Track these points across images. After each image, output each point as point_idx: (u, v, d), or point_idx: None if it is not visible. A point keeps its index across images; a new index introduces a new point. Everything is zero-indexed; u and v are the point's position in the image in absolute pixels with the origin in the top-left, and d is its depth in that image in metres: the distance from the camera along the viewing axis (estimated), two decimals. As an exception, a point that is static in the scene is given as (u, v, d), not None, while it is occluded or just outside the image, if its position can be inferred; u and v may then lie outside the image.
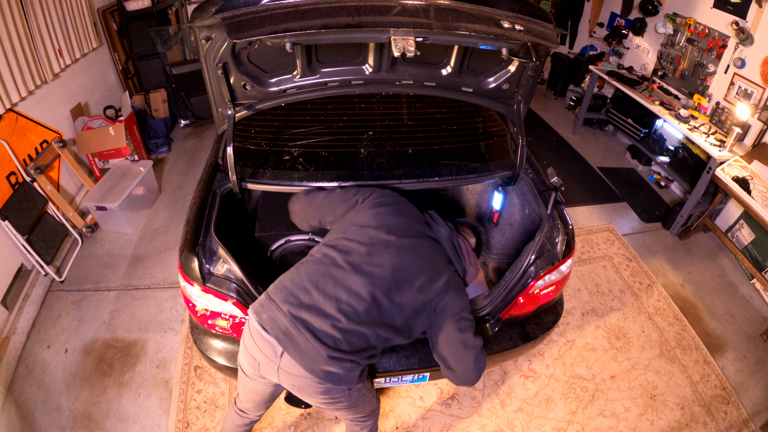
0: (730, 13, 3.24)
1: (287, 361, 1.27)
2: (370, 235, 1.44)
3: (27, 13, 2.79)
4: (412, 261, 1.42)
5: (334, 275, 1.34)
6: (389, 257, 1.39)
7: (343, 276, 1.34)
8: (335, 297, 1.30)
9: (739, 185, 2.88)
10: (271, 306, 1.31)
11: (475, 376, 1.46)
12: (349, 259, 1.38)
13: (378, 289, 1.34)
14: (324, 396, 1.36)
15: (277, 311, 1.29)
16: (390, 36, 1.33)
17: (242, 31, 1.26)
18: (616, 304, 2.83)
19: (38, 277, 2.73)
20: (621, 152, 4.52)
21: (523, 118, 1.98)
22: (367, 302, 1.32)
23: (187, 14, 4.69)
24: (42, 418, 2.14)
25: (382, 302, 1.34)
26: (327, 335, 1.27)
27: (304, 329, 1.26)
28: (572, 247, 1.79)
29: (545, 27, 1.47)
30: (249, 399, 1.60)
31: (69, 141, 3.27)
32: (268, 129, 2.19)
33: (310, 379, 1.27)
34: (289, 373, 1.28)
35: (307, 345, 1.25)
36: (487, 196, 2.44)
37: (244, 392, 1.58)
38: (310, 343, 1.25)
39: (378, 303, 1.34)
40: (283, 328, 1.27)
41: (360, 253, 1.39)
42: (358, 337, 1.30)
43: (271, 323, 1.28)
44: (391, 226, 1.47)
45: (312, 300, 1.30)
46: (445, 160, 2.11)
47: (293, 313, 1.28)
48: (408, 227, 1.50)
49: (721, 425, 2.24)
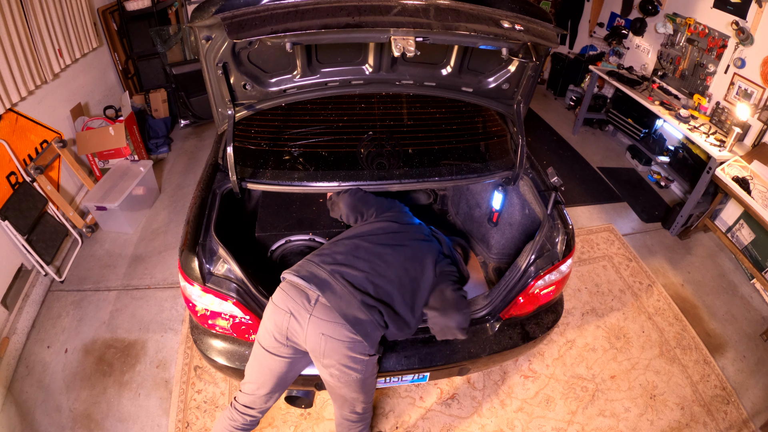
0: (730, 13, 3.24)
1: (321, 307, 1.41)
2: (395, 229, 1.70)
3: (27, 13, 2.79)
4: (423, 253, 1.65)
5: (366, 247, 1.58)
6: (409, 242, 1.65)
7: (374, 248, 1.58)
8: (369, 260, 1.53)
9: (739, 185, 2.88)
10: (310, 264, 1.51)
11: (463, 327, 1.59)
12: (378, 239, 1.64)
13: (404, 257, 1.58)
14: (348, 352, 1.43)
15: (317, 267, 1.49)
16: (390, 36, 1.33)
17: (242, 31, 1.26)
18: (616, 304, 2.83)
19: (38, 277, 2.73)
20: (621, 152, 4.52)
21: (523, 118, 1.98)
22: (395, 267, 1.55)
23: (187, 14, 4.70)
24: (42, 418, 2.14)
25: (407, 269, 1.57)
26: (361, 284, 1.47)
27: (341, 278, 1.46)
28: (572, 247, 1.79)
29: (545, 27, 1.47)
30: (260, 385, 1.53)
31: (69, 141, 3.27)
32: (268, 129, 2.19)
33: (342, 325, 1.40)
34: (322, 319, 1.40)
35: (343, 290, 1.43)
36: (487, 196, 2.44)
37: (257, 375, 1.53)
38: (346, 288, 1.44)
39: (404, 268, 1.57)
40: (322, 278, 1.45)
41: (387, 236, 1.65)
42: (385, 292, 1.50)
43: (311, 275, 1.46)
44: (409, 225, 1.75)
45: (349, 261, 1.52)
46: (445, 159, 2.11)
47: (331, 269, 1.48)
48: (421, 230, 1.77)
49: (721, 425, 2.24)
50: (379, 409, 2.19)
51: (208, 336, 1.77)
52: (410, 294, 1.56)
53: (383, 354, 1.74)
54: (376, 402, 2.22)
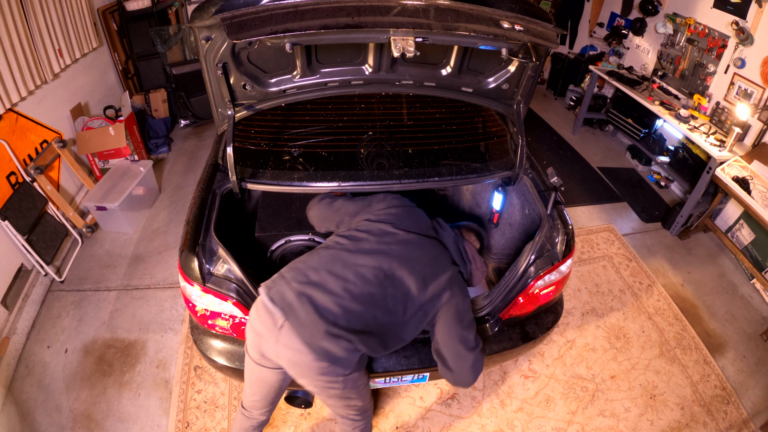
0: (730, 13, 3.24)
1: (287, 333, 1.30)
2: (381, 228, 1.54)
3: (27, 13, 2.79)
4: (418, 255, 1.49)
5: (344, 258, 1.44)
6: (397, 247, 1.48)
7: (352, 259, 1.43)
8: (343, 277, 1.38)
9: (739, 185, 2.88)
10: (281, 282, 1.39)
11: (472, 378, 1.50)
12: (359, 246, 1.48)
13: (384, 273, 1.41)
14: (320, 376, 1.36)
15: (286, 287, 1.37)
16: (390, 36, 1.33)
17: (242, 32, 1.26)
18: (616, 304, 2.83)
19: (38, 277, 2.73)
20: (621, 152, 4.51)
21: (523, 118, 1.98)
22: (372, 284, 1.39)
23: (187, 14, 4.69)
24: (42, 418, 2.14)
25: (386, 286, 1.41)
26: (327, 310, 1.32)
27: (307, 302, 1.33)
28: (572, 247, 1.79)
29: (545, 27, 1.47)
30: (255, 391, 1.58)
31: (69, 141, 3.27)
32: (268, 129, 2.19)
33: (307, 353, 1.30)
34: (288, 346, 1.31)
35: (307, 317, 1.30)
36: (487, 196, 2.44)
37: (251, 383, 1.56)
38: (310, 316, 1.30)
39: (382, 286, 1.40)
40: (289, 301, 1.33)
41: (370, 241, 1.50)
42: (357, 316, 1.35)
43: (279, 296, 1.35)
44: (401, 224, 1.56)
45: (320, 279, 1.38)
46: (445, 160, 2.11)
47: (300, 289, 1.35)
48: (417, 227, 1.59)
49: (721, 425, 2.24)
50: (379, 409, 2.19)
51: (208, 336, 1.77)
52: (395, 315, 1.41)
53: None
54: (375, 402, 2.22)
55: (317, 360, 1.31)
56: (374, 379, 1.75)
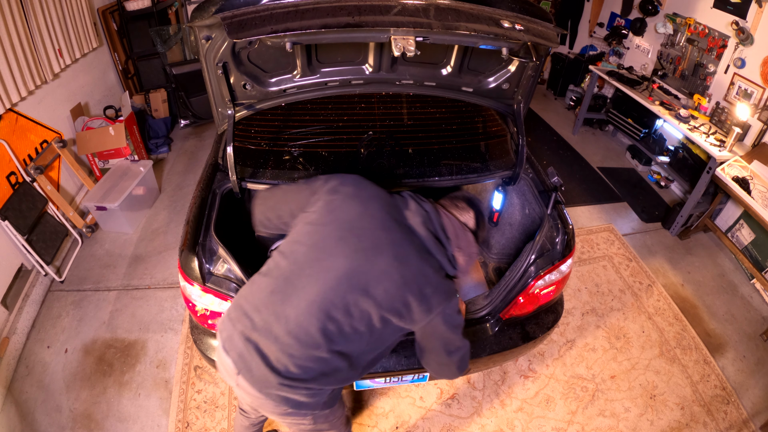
0: (730, 13, 3.24)
1: (243, 383, 1.18)
2: (321, 235, 1.22)
3: (27, 13, 2.79)
4: (372, 263, 1.16)
5: (283, 290, 1.17)
6: (343, 260, 1.16)
7: (291, 291, 1.16)
8: (284, 316, 1.14)
9: (739, 185, 2.88)
10: (229, 325, 1.21)
11: (457, 375, 1.39)
12: (297, 269, 1.18)
13: (330, 302, 1.14)
14: (284, 417, 1.26)
15: (234, 331, 1.18)
16: (390, 36, 1.33)
17: (242, 31, 1.26)
18: (616, 304, 2.83)
19: (38, 277, 2.73)
20: (621, 152, 4.52)
21: (523, 118, 1.98)
22: (319, 319, 1.13)
23: (187, 14, 4.69)
24: (42, 418, 2.14)
25: (336, 318, 1.14)
26: (277, 360, 1.13)
27: (255, 352, 1.14)
28: (572, 247, 1.79)
29: (545, 27, 1.46)
30: (242, 402, 1.60)
31: (69, 141, 3.27)
32: (268, 129, 2.19)
33: (266, 400, 1.18)
34: (248, 393, 1.20)
35: (258, 371, 1.14)
36: (487, 195, 2.44)
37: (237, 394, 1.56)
38: (260, 369, 1.14)
39: (332, 319, 1.14)
40: (238, 350, 1.16)
41: (309, 260, 1.19)
42: (314, 361, 1.14)
43: (229, 343, 1.19)
44: (346, 221, 1.22)
45: (263, 320, 1.16)
46: (445, 160, 2.11)
47: (246, 335, 1.16)
48: (370, 218, 1.23)
49: (721, 425, 2.23)
50: (379, 409, 2.19)
51: (208, 336, 1.76)
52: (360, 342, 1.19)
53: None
54: (375, 402, 2.22)
55: (278, 406, 1.19)
56: (374, 379, 1.75)
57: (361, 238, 1.19)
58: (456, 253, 1.28)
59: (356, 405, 2.20)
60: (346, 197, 1.27)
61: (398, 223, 1.23)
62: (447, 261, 1.26)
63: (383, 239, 1.19)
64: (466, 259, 1.30)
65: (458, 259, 1.29)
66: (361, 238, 1.19)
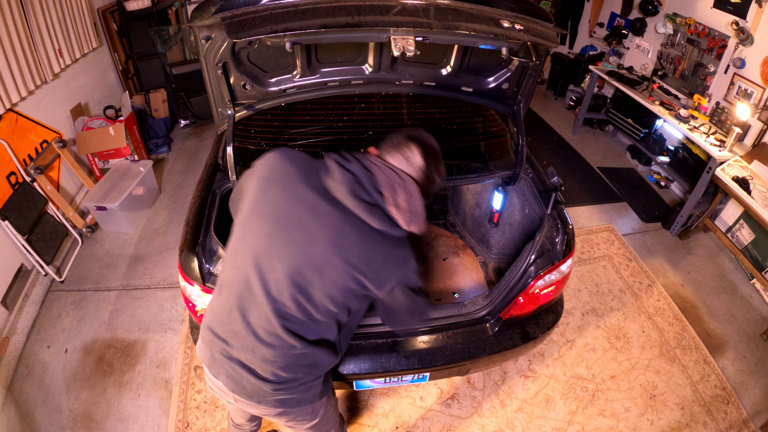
0: (730, 13, 3.24)
1: (241, 401, 1.20)
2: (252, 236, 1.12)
3: (27, 13, 2.79)
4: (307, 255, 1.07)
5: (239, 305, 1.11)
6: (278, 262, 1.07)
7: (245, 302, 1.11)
8: (251, 328, 1.10)
9: (739, 185, 2.88)
10: (206, 350, 1.19)
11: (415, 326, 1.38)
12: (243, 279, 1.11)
13: (282, 305, 1.09)
14: (286, 418, 1.28)
15: (213, 353, 1.16)
16: (390, 35, 1.33)
17: (242, 31, 1.26)
18: (616, 304, 2.83)
19: (38, 277, 2.73)
20: (621, 152, 4.51)
21: (523, 117, 1.98)
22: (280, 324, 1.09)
23: (187, 14, 4.69)
24: (42, 418, 2.14)
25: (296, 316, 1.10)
26: (264, 370, 1.12)
27: (242, 369, 1.13)
28: (572, 247, 1.79)
29: (545, 27, 1.47)
30: (236, 416, 1.59)
31: (69, 141, 3.27)
32: (268, 129, 2.19)
33: (266, 408, 1.20)
34: (245, 406, 1.23)
35: (249, 385, 1.14)
36: (487, 195, 2.44)
37: (229, 408, 1.57)
38: (251, 382, 1.13)
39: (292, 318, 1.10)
40: (225, 372, 1.15)
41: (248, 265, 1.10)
42: (296, 358, 1.13)
43: (215, 367, 1.17)
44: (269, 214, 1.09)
45: (234, 337, 1.12)
46: (444, 159, 2.11)
47: (226, 355, 1.14)
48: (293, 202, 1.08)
49: (721, 425, 2.23)
50: (379, 409, 2.19)
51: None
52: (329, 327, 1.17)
53: (382, 355, 1.73)
54: (375, 402, 2.22)
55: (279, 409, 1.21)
56: (374, 379, 1.75)
57: (289, 229, 1.07)
58: (394, 214, 1.09)
59: (356, 405, 2.20)
60: (263, 183, 1.12)
61: (325, 198, 1.07)
62: (390, 224, 1.09)
63: (313, 225, 1.06)
64: (407, 218, 1.10)
65: (398, 220, 1.10)
66: (290, 229, 1.07)
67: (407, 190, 1.10)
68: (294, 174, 1.10)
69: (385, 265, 1.11)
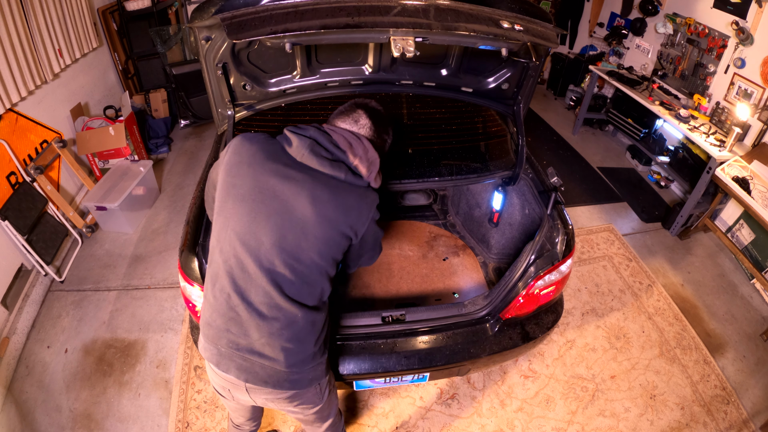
0: (730, 13, 3.24)
1: (253, 387, 1.21)
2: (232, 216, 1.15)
3: (27, 13, 2.79)
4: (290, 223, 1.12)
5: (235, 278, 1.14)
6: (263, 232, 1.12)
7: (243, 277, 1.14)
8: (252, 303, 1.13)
9: (739, 185, 2.88)
10: (211, 346, 1.20)
11: None
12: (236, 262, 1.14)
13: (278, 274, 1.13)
14: (297, 402, 1.30)
15: (219, 348, 1.18)
16: (389, 36, 1.33)
17: (242, 32, 1.26)
18: (616, 304, 2.83)
19: (38, 277, 2.73)
20: (621, 152, 4.51)
21: (523, 118, 1.98)
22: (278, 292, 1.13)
23: (187, 14, 4.69)
24: (42, 418, 2.14)
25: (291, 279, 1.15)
26: (273, 348, 1.15)
27: (251, 355, 1.16)
28: (572, 247, 1.79)
29: (545, 27, 1.47)
30: (236, 416, 1.60)
31: (69, 141, 3.27)
32: (268, 129, 2.19)
33: (281, 392, 1.23)
34: (260, 394, 1.24)
35: (262, 370, 1.17)
36: (487, 196, 2.44)
37: (230, 409, 1.56)
38: (264, 366, 1.16)
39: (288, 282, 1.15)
40: (236, 363, 1.17)
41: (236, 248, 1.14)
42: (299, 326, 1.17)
43: (224, 362, 1.19)
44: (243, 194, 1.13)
45: (236, 321, 1.15)
46: (444, 160, 2.11)
47: (234, 346, 1.16)
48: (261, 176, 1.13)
49: (721, 425, 2.24)
50: (379, 408, 2.19)
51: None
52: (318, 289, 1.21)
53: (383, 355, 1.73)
54: (376, 402, 2.22)
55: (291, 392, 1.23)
56: (374, 379, 1.75)
57: (266, 202, 1.12)
58: (356, 163, 1.18)
59: (356, 405, 2.20)
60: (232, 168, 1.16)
61: (292, 166, 1.14)
62: (352, 174, 1.18)
63: (286, 192, 1.12)
64: (367, 166, 1.19)
65: (360, 169, 1.19)
66: (266, 202, 1.12)
67: (363, 144, 1.21)
68: (257, 152, 1.15)
69: (361, 211, 1.20)
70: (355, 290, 2.37)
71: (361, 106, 1.29)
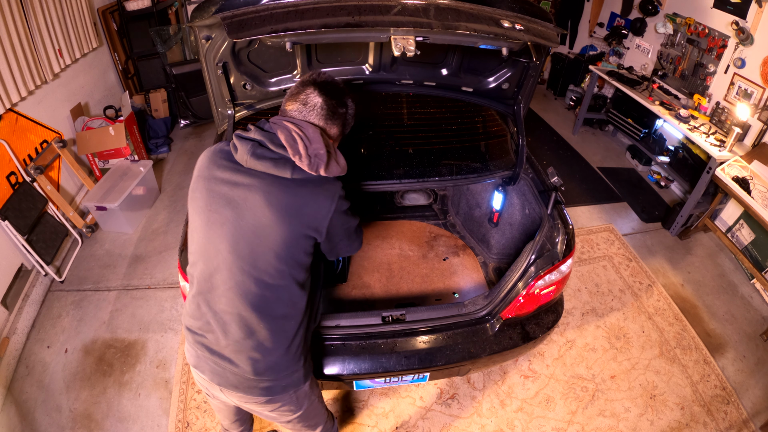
0: (730, 13, 3.24)
1: (227, 391, 1.25)
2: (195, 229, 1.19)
3: (27, 13, 2.79)
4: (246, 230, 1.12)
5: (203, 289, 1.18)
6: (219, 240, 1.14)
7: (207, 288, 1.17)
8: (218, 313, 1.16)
9: (739, 185, 2.88)
10: (191, 348, 1.25)
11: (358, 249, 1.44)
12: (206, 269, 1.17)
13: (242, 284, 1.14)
14: (271, 407, 1.30)
15: (196, 349, 1.23)
16: (390, 35, 1.33)
17: (242, 31, 1.26)
18: (616, 304, 2.83)
19: (38, 277, 2.73)
20: (621, 152, 4.52)
21: (523, 118, 1.98)
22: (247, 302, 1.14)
23: (187, 14, 4.70)
24: (42, 418, 2.14)
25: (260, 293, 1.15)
26: (240, 358, 1.17)
27: (221, 360, 1.19)
28: (572, 247, 1.79)
29: (545, 27, 1.47)
30: (222, 417, 1.59)
31: (69, 141, 3.27)
32: None
33: (253, 398, 1.24)
34: (233, 396, 1.26)
35: (233, 375, 1.20)
36: (487, 195, 2.44)
37: (217, 411, 1.56)
38: (234, 372, 1.19)
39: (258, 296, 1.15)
40: (209, 366, 1.22)
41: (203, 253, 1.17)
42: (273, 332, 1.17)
43: (200, 363, 1.24)
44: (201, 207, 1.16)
45: (207, 328, 1.19)
46: (445, 159, 2.11)
47: (209, 349, 1.20)
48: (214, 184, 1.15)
49: (721, 425, 2.23)
50: (379, 409, 2.19)
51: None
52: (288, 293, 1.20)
53: (383, 355, 1.73)
54: (375, 402, 2.22)
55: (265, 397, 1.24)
56: (374, 379, 1.75)
57: (219, 211, 1.13)
58: (298, 163, 1.12)
59: (356, 405, 2.20)
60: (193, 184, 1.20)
61: (240, 172, 1.13)
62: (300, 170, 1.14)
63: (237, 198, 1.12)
64: (309, 160, 1.12)
65: (303, 167, 1.12)
66: (219, 211, 1.13)
67: (306, 136, 1.14)
68: (209, 164, 1.17)
69: (317, 204, 1.16)
70: (355, 290, 2.37)
71: (310, 83, 1.19)
